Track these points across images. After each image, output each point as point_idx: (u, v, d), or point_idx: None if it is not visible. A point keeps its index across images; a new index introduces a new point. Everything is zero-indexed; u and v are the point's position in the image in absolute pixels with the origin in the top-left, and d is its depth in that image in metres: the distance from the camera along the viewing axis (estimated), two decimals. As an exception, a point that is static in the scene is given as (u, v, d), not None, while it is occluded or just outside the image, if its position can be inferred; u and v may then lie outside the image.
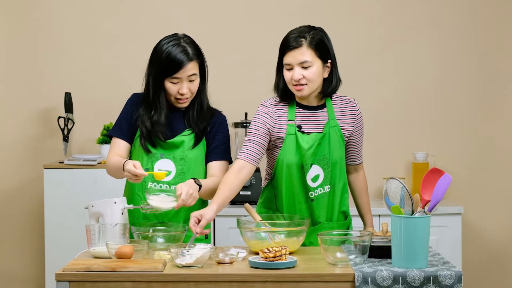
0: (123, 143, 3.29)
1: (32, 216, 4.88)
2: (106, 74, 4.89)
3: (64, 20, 4.88)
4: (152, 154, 3.24)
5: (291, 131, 3.21)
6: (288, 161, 3.22)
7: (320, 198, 3.25)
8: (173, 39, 3.22)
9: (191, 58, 3.19)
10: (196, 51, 3.23)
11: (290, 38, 3.18)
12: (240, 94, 4.86)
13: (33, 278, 4.89)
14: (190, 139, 3.27)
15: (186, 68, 3.18)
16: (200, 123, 3.28)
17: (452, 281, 2.67)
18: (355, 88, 4.80)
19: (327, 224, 3.27)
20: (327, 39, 3.22)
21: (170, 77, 3.18)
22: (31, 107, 4.89)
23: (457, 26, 4.89)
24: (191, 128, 3.28)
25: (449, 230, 4.50)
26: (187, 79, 3.20)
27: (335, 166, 3.25)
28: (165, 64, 3.17)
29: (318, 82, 3.19)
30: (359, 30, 4.88)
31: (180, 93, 3.20)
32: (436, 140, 4.92)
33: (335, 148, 3.24)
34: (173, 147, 3.25)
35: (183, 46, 3.19)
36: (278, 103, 3.26)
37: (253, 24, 4.89)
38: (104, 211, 3.13)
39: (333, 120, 3.24)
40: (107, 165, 3.29)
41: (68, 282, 2.70)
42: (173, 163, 3.24)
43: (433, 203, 2.77)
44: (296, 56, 3.16)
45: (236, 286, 2.70)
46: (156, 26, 4.83)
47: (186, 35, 3.28)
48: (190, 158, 3.26)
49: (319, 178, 3.24)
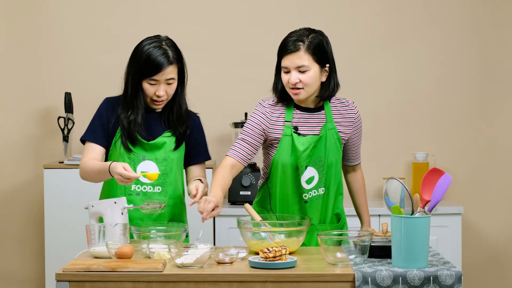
0: (98, 148, 3.27)
1: (32, 216, 4.88)
2: (106, 74, 4.88)
3: (64, 20, 4.88)
4: (135, 156, 3.25)
5: (287, 132, 3.21)
6: (283, 162, 3.21)
7: (314, 200, 3.25)
8: (155, 40, 3.22)
9: (171, 61, 3.19)
10: (177, 55, 3.23)
11: (288, 41, 3.17)
12: (240, 94, 4.86)
13: (33, 278, 4.89)
14: (171, 140, 3.29)
15: (165, 71, 3.19)
16: (180, 127, 3.30)
17: (452, 281, 2.67)
18: (355, 88, 4.81)
19: (320, 226, 3.27)
20: (326, 43, 3.20)
21: (148, 78, 3.19)
22: (31, 107, 4.89)
23: (458, 26, 4.89)
24: (170, 130, 3.29)
25: (449, 230, 4.50)
26: (165, 82, 3.21)
27: (330, 169, 3.24)
28: (145, 65, 3.18)
29: (315, 86, 3.18)
30: (359, 30, 4.88)
31: (156, 95, 3.21)
32: (436, 140, 4.92)
33: (331, 151, 3.23)
34: (155, 148, 3.27)
35: (164, 49, 3.20)
36: (276, 103, 3.26)
37: (253, 24, 4.89)
38: (104, 211, 3.13)
39: (330, 122, 3.24)
40: (83, 168, 3.25)
41: (68, 282, 2.70)
42: (155, 165, 3.26)
43: (433, 203, 2.77)
44: (293, 60, 3.15)
45: (236, 286, 2.70)
46: (156, 26, 4.83)
47: (168, 37, 3.28)
48: (172, 159, 3.29)
49: (314, 180, 3.23)
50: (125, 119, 3.24)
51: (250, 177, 4.52)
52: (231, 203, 4.56)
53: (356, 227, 3.49)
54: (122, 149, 3.24)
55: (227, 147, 4.60)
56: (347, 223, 3.40)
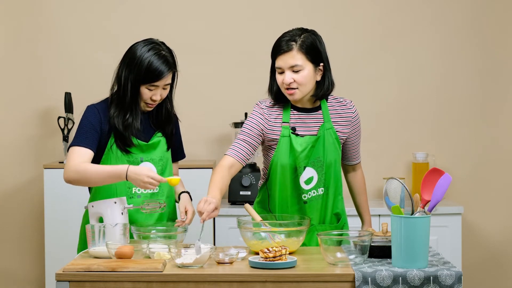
0: (89, 152, 3.19)
1: (32, 216, 4.88)
2: (106, 74, 4.86)
3: (64, 20, 4.88)
4: (133, 158, 3.26)
5: (285, 133, 3.21)
6: (282, 163, 3.21)
7: (314, 201, 3.25)
8: (153, 46, 3.23)
9: (170, 68, 3.22)
10: (173, 60, 3.27)
11: (281, 41, 3.17)
12: (240, 94, 4.85)
13: (33, 278, 4.89)
14: (163, 141, 3.34)
15: (166, 77, 3.22)
16: (167, 127, 3.35)
17: (452, 281, 2.67)
18: (355, 88, 4.82)
19: (319, 226, 3.27)
20: (319, 42, 3.19)
21: (148, 84, 3.21)
22: (31, 107, 4.89)
23: (458, 26, 4.89)
24: (160, 131, 3.34)
25: (449, 230, 4.50)
26: (162, 87, 3.24)
27: (329, 169, 3.24)
28: (146, 72, 3.19)
29: (310, 85, 3.18)
30: (359, 30, 4.88)
31: (152, 99, 3.24)
32: (436, 140, 4.92)
33: (329, 151, 3.23)
34: (151, 149, 3.30)
35: (164, 56, 3.22)
36: (273, 105, 3.26)
37: (253, 24, 4.89)
38: (104, 211, 3.14)
39: (328, 122, 3.24)
40: (78, 171, 3.13)
41: (68, 282, 2.70)
42: (153, 166, 3.29)
43: (433, 203, 2.77)
44: (286, 60, 3.15)
45: (236, 286, 2.70)
46: (156, 26, 4.83)
47: (162, 42, 3.29)
48: (166, 158, 3.34)
49: (313, 181, 3.23)
50: (121, 122, 3.24)
51: (250, 177, 4.52)
52: (231, 203, 4.56)
53: (357, 227, 3.50)
54: (119, 152, 3.24)
55: (227, 147, 4.59)
56: (347, 223, 3.40)
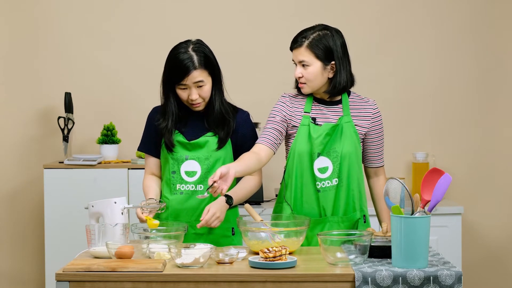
0: (153, 160, 3.40)
1: (32, 216, 4.88)
2: (106, 74, 4.89)
3: (64, 20, 4.88)
4: (177, 156, 3.30)
5: (305, 122, 3.26)
6: (299, 150, 3.25)
7: (327, 191, 3.25)
8: (183, 46, 3.28)
9: (195, 66, 3.23)
10: (204, 58, 3.26)
11: (296, 36, 3.25)
12: (240, 94, 4.83)
13: (33, 278, 4.89)
14: (214, 140, 3.32)
15: (191, 76, 3.22)
16: (222, 128, 3.32)
17: (452, 281, 2.67)
18: (355, 88, 4.79)
19: (332, 218, 3.26)
20: (333, 41, 3.22)
21: (178, 84, 3.25)
22: (31, 107, 4.89)
23: (457, 26, 4.89)
24: (212, 131, 3.33)
25: (449, 230, 4.50)
26: (195, 86, 3.24)
27: (344, 160, 3.25)
28: (172, 71, 3.25)
29: (318, 82, 3.22)
30: (358, 30, 4.88)
31: (190, 99, 3.26)
32: (436, 140, 4.92)
33: (346, 142, 3.24)
34: (198, 147, 3.31)
35: (189, 54, 3.24)
36: (296, 95, 3.33)
37: (254, 24, 4.89)
38: (104, 211, 3.14)
39: (347, 116, 3.28)
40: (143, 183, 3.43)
41: (68, 282, 2.70)
42: (198, 164, 3.30)
43: (433, 203, 2.77)
44: (297, 55, 3.24)
45: (236, 286, 2.70)
46: (156, 27, 4.84)
47: (198, 41, 3.32)
48: (214, 158, 3.31)
49: (328, 170, 3.24)
50: (158, 125, 3.33)
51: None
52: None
53: None
54: (165, 151, 3.32)
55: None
56: (367, 223, 3.33)
